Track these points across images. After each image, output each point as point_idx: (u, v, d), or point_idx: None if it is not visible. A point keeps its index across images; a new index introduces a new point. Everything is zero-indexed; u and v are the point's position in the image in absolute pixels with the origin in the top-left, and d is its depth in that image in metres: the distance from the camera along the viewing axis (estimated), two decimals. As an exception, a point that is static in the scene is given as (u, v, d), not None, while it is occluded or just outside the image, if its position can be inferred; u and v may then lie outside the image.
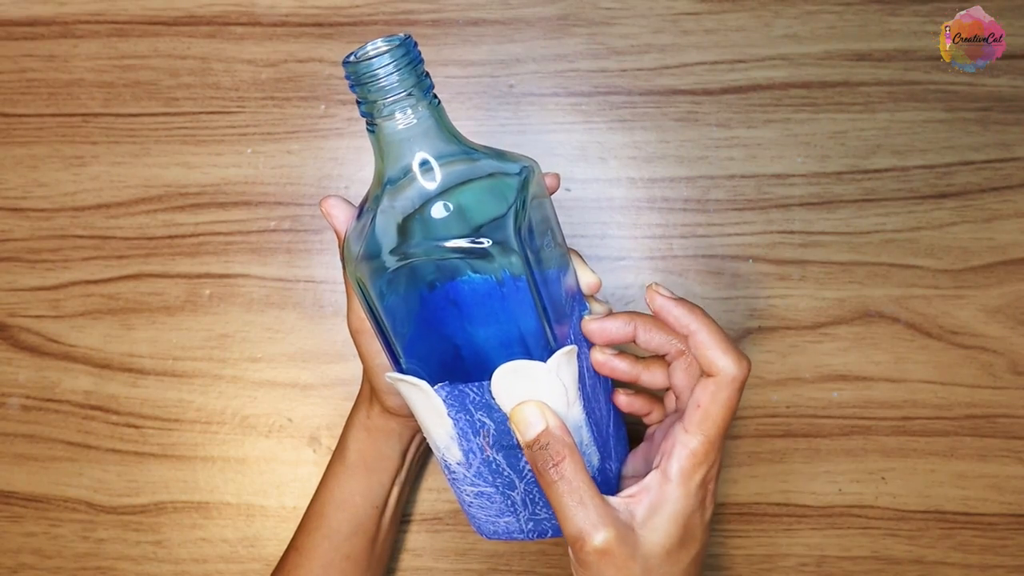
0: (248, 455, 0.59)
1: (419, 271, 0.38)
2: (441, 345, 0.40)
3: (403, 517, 0.58)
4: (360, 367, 0.60)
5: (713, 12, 0.59)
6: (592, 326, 0.43)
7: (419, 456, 0.53)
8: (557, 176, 0.45)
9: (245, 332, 0.59)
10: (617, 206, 0.59)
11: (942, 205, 0.58)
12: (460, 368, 0.40)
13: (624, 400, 0.47)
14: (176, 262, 0.59)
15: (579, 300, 0.44)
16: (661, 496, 0.40)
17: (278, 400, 0.59)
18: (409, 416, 0.48)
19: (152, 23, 0.60)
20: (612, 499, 0.41)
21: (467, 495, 0.44)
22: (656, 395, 0.47)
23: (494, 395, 0.40)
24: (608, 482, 0.45)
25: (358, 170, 0.59)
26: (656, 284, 0.42)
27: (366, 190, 0.59)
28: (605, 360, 0.44)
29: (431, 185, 0.38)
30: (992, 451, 0.57)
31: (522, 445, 0.40)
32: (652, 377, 0.44)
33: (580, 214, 0.59)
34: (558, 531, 0.43)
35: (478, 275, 0.38)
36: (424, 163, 0.38)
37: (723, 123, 0.59)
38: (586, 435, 0.42)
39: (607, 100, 0.59)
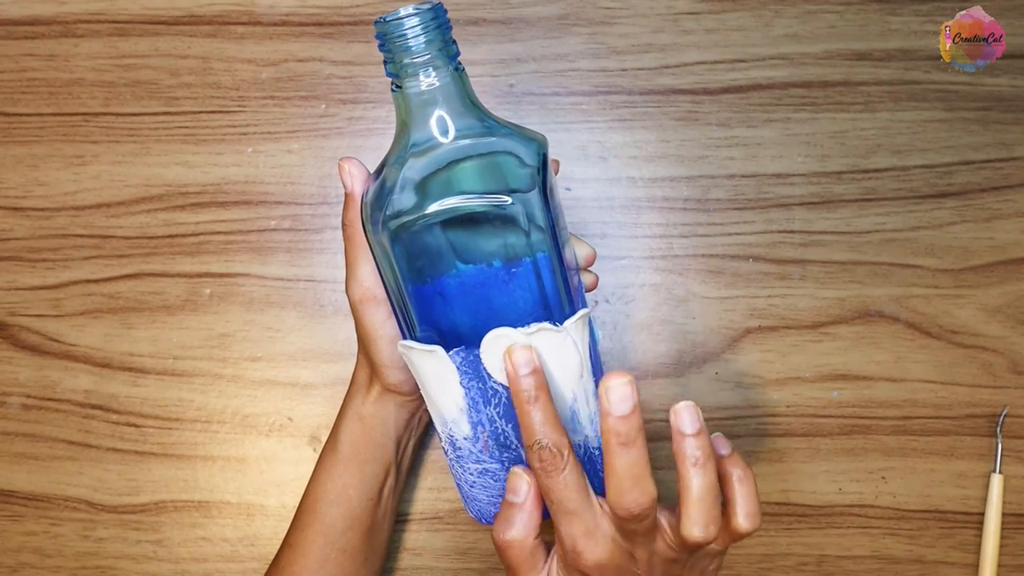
0: (248, 454, 0.59)
1: (446, 233, 0.39)
2: (459, 312, 0.41)
3: (403, 516, 0.58)
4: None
5: (713, 12, 0.59)
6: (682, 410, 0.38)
7: (414, 445, 0.53)
8: (557, 162, 0.45)
9: (245, 331, 0.59)
10: (617, 205, 0.59)
11: (942, 205, 0.58)
12: (477, 337, 0.41)
13: None
14: (176, 261, 0.60)
15: (577, 272, 0.45)
16: None
17: (278, 399, 0.59)
18: (408, 394, 0.48)
19: (153, 22, 0.60)
20: None
21: (471, 474, 0.44)
22: None
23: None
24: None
25: (358, 169, 0.60)
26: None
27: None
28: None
29: (456, 147, 0.39)
30: (992, 451, 0.57)
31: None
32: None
33: (580, 213, 0.59)
34: None
35: (502, 240, 0.39)
36: (447, 126, 0.39)
37: (723, 123, 0.59)
38: (595, 405, 0.43)
39: (607, 99, 0.59)
